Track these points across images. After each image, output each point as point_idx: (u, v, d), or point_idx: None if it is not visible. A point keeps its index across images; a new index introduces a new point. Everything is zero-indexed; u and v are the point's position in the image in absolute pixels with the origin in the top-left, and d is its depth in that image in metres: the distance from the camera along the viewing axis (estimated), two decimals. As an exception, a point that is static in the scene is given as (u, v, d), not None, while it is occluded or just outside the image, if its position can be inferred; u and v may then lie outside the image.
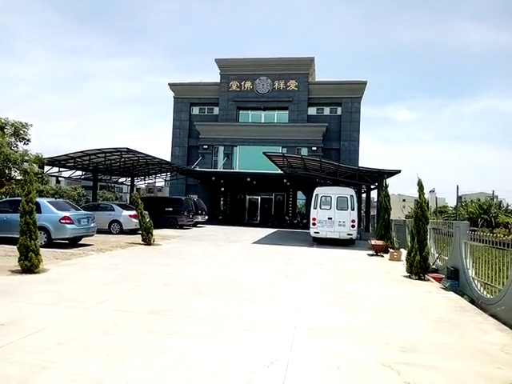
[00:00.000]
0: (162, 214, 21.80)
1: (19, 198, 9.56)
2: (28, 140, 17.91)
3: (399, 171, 17.11)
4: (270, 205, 32.57)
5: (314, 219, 16.02)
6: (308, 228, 17.20)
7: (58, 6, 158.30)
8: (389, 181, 16.21)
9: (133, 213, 16.67)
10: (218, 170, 30.80)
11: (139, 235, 14.48)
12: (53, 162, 20.07)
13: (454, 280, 7.82)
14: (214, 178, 29.23)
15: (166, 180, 32.92)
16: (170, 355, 3.84)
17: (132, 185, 29.08)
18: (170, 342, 4.18)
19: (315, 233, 16.06)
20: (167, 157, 32.12)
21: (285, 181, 28.05)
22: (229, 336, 4.46)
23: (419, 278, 8.70)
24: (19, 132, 17.60)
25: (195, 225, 24.54)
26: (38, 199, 10.80)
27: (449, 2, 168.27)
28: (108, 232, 17.36)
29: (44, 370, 3.39)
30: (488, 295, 6.68)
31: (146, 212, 14.91)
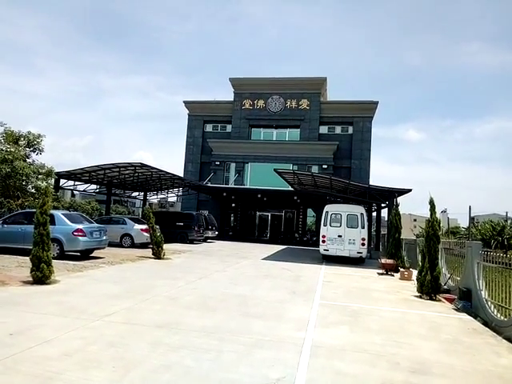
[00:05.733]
0: (173, 229, 21.92)
1: (34, 210, 9.76)
2: (41, 150, 18.34)
3: (410, 190, 16.98)
4: (280, 222, 32.49)
5: (323, 236, 15.91)
6: (318, 245, 17.06)
7: (78, 24, 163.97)
8: (399, 200, 16.07)
9: (144, 227, 16.82)
10: (230, 186, 30.98)
11: (150, 249, 14.56)
12: (69, 175, 20.52)
13: (467, 301, 7.64)
14: (225, 194, 29.37)
15: (177, 195, 33.20)
16: (175, 369, 3.82)
17: (145, 199, 29.42)
18: (176, 356, 4.17)
19: (325, 250, 15.91)
20: (180, 172, 32.43)
21: (295, 198, 28.03)
22: (235, 351, 4.43)
23: (430, 298, 8.53)
24: (33, 143, 18.06)
25: (205, 240, 24.57)
26: (53, 211, 10.99)
27: (457, 25, 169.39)
28: (119, 245, 17.50)
29: (50, 381, 3.40)
30: (502, 317, 6.50)
31: (157, 226, 15.02)
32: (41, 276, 7.63)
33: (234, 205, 31.67)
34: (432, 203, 9.14)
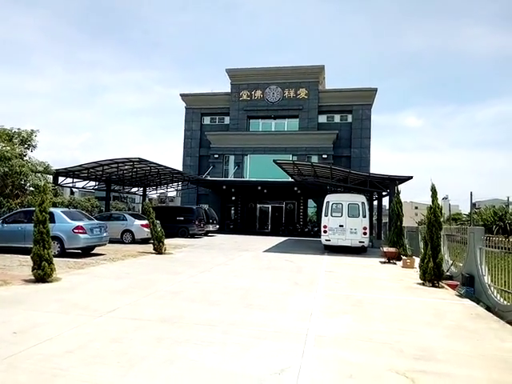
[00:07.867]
0: (174, 224, 21.91)
1: (33, 209, 9.72)
2: (34, 146, 18.25)
3: (411, 177, 16.92)
4: (281, 213, 32.47)
5: (325, 226, 15.90)
6: (319, 236, 17.06)
7: (73, 21, 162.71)
8: (400, 188, 15.99)
9: (144, 222, 16.79)
10: (229, 178, 30.90)
11: (151, 244, 14.55)
12: (67, 172, 20.41)
13: (470, 287, 7.65)
14: (224, 187, 29.32)
15: (177, 190, 33.14)
16: (180, 363, 3.81)
17: (144, 195, 29.36)
18: (180, 350, 4.16)
19: (326, 240, 15.91)
20: (178, 167, 32.33)
21: (295, 189, 27.97)
22: (239, 343, 4.42)
23: (433, 285, 8.53)
24: (27, 140, 17.96)
25: (206, 234, 24.57)
26: (52, 209, 10.97)
27: (458, 8, 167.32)
28: (120, 241, 17.49)
29: (54, 378, 3.40)
30: (505, 302, 6.50)
31: (158, 221, 14.99)
32: (42, 274, 7.61)
33: (234, 198, 31.63)
34: (434, 189, 9.10)
